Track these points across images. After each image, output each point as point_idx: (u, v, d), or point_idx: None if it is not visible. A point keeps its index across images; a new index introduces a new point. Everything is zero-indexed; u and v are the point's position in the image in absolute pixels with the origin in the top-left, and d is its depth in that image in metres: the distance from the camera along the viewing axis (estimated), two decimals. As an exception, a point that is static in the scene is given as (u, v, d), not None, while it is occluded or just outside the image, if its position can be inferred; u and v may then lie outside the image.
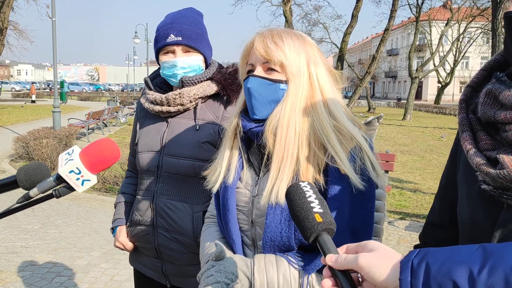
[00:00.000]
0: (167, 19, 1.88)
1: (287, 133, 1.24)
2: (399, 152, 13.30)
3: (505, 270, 0.62)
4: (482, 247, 0.68)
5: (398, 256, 0.75)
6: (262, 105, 1.30)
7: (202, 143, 1.85)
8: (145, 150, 1.96)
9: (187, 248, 1.89)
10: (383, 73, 72.18)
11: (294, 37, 1.31)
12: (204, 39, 1.91)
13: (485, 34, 34.10)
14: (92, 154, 1.11)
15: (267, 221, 1.26)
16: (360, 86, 17.82)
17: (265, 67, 1.30)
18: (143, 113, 2.05)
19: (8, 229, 5.64)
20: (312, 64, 1.30)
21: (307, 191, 0.88)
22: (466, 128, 1.00)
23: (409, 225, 6.25)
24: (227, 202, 1.36)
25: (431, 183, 9.11)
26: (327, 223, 0.83)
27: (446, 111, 33.58)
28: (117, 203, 2.15)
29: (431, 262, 0.69)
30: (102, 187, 7.92)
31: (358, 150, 1.24)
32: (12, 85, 64.00)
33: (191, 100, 1.87)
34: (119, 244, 2.06)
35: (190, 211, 1.87)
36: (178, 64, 1.85)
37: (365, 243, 0.79)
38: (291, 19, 20.20)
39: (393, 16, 17.40)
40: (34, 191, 1.08)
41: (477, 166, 0.92)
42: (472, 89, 1.05)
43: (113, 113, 19.45)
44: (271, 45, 1.26)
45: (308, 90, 1.28)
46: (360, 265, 0.74)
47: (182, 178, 1.88)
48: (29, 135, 10.17)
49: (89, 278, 4.35)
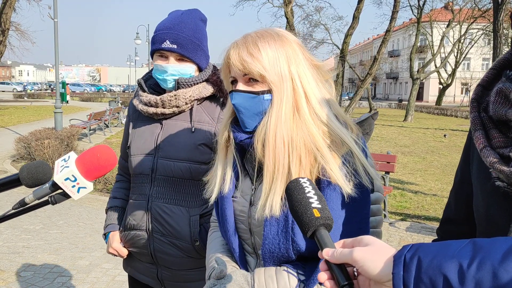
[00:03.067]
0: (167, 22, 1.85)
1: (276, 143, 1.20)
2: (400, 153, 13.31)
3: (493, 264, 0.64)
4: (472, 242, 0.70)
5: (392, 250, 0.77)
6: (250, 118, 1.27)
7: (198, 145, 1.83)
8: (138, 153, 1.92)
9: (184, 253, 1.86)
10: (384, 74, 72.10)
11: (271, 40, 1.24)
12: (200, 49, 1.87)
13: (487, 35, 34.07)
14: (88, 161, 1.10)
15: (265, 232, 1.25)
16: (361, 87, 17.83)
17: (245, 79, 1.25)
18: (135, 115, 2.01)
19: (10, 229, 5.66)
20: (293, 64, 1.24)
21: (307, 187, 0.90)
22: (479, 127, 1.01)
23: (410, 226, 6.25)
24: (224, 212, 1.35)
25: (432, 184, 9.12)
26: (325, 218, 0.85)
27: (448, 112, 33.54)
28: (109, 208, 2.10)
29: (422, 257, 0.71)
30: (104, 188, 7.94)
31: (349, 155, 1.21)
32: (13, 86, 64.11)
33: (187, 102, 1.85)
34: (112, 251, 2.01)
35: (186, 215, 1.85)
36: (168, 71, 1.83)
37: (360, 238, 0.80)
38: (292, 20, 20.23)
39: (394, 18, 17.41)
40: (30, 198, 1.08)
41: (491, 164, 0.94)
42: (483, 88, 1.06)
43: (115, 114, 19.49)
44: (247, 58, 1.21)
45: (293, 96, 1.23)
46: (355, 259, 0.76)
47: (178, 181, 1.85)
48: (31, 135, 10.21)
49: (90, 278, 4.37)
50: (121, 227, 2.03)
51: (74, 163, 1.08)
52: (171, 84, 1.86)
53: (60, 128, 13.29)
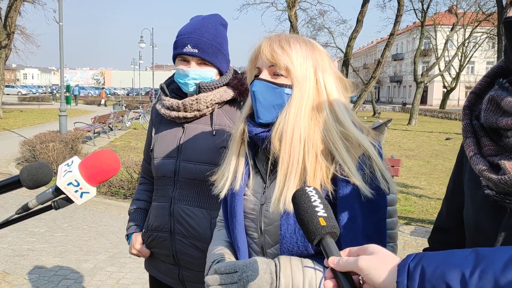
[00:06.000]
0: (189, 27, 1.88)
1: (293, 138, 1.23)
2: (404, 157, 13.28)
3: (495, 273, 0.66)
4: (475, 252, 0.71)
5: (396, 259, 0.78)
6: (266, 108, 1.30)
7: (219, 148, 1.84)
8: (161, 156, 1.95)
9: (205, 254, 1.86)
10: (388, 77, 72.07)
11: (303, 43, 1.30)
12: (220, 53, 1.91)
13: (491, 39, 34.05)
14: (91, 166, 1.09)
15: (282, 231, 1.25)
16: (365, 90, 17.80)
17: (271, 71, 1.30)
18: (158, 119, 2.05)
19: (15, 232, 5.69)
20: (319, 70, 1.29)
21: (312, 196, 0.91)
22: (470, 134, 1.01)
23: (415, 230, 6.24)
24: (234, 209, 1.36)
25: (437, 188, 9.09)
26: (331, 227, 0.86)
27: (452, 116, 33.48)
28: (132, 209, 2.14)
29: (426, 266, 0.72)
30: (108, 191, 7.96)
31: (367, 158, 1.23)
32: (18, 89, 64.45)
33: (208, 106, 1.88)
34: (135, 251, 2.05)
35: (208, 217, 1.87)
36: (190, 75, 1.87)
37: (366, 246, 0.82)
38: (296, 24, 20.25)
39: (398, 21, 17.38)
40: (33, 203, 1.07)
41: (480, 171, 0.94)
42: (476, 96, 1.06)
43: (119, 117, 19.55)
44: (278, 49, 1.27)
45: (314, 96, 1.27)
46: (360, 267, 0.78)
47: (200, 184, 1.87)
48: (35, 138, 10.26)
49: (95, 281, 4.38)
50: (144, 229, 2.06)
51: (77, 168, 1.08)
52: (193, 88, 1.90)
53: (64, 131, 13.35)
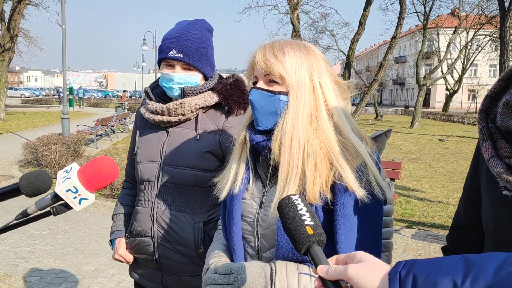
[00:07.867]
0: (174, 32, 1.88)
1: (291, 145, 1.25)
2: (406, 160, 13.26)
3: (486, 280, 0.66)
4: (464, 258, 0.71)
5: (386, 267, 0.78)
6: (263, 116, 1.32)
7: (203, 152, 1.85)
8: (144, 160, 1.95)
9: (188, 259, 1.88)
10: (390, 80, 72.04)
11: (297, 48, 1.31)
12: (205, 58, 1.91)
13: (494, 41, 33.95)
14: (90, 173, 1.10)
15: (278, 236, 1.26)
16: (367, 93, 17.80)
17: (266, 79, 1.32)
18: (142, 123, 2.04)
19: (16, 234, 5.70)
20: (315, 75, 1.29)
21: (298, 204, 0.90)
22: (487, 137, 1.04)
23: (416, 233, 6.23)
24: (232, 212, 1.37)
25: (438, 192, 9.07)
26: (318, 235, 0.85)
27: (454, 118, 33.39)
28: (115, 214, 2.12)
29: (417, 273, 0.71)
30: (110, 194, 7.97)
31: (363, 167, 1.24)
32: (21, 91, 64.66)
33: (192, 110, 1.88)
34: (118, 257, 2.03)
35: (191, 222, 1.87)
36: (174, 79, 1.87)
37: (354, 254, 0.82)
38: (298, 27, 20.29)
39: (400, 24, 17.39)
40: (32, 208, 1.08)
41: (498, 174, 0.96)
42: (491, 99, 1.09)
43: (121, 119, 19.59)
44: (271, 58, 1.28)
45: (312, 101, 1.28)
46: (349, 276, 0.77)
47: (183, 188, 1.88)
48: (38, 141, 10.28)
49: (96, 284, 4.38)
50: (126, 234, 2.05)
51: (76, 174, 1.09)
52: (177, 93, 1.90)
53: (67, 133, 13.39)
